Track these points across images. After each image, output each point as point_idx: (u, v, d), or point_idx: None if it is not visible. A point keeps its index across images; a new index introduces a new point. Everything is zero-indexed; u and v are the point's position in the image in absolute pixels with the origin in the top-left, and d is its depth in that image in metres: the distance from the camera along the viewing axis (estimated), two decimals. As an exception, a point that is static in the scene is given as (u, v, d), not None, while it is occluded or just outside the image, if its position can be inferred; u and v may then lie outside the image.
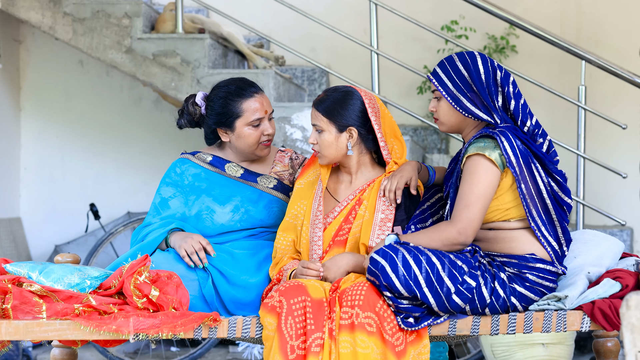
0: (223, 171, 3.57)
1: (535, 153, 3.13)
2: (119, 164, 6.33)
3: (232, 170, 3.57)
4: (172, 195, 3.55)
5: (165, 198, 3.55)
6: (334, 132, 3.31)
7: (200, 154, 3.61)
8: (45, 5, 5.32)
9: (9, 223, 6.12)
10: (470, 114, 3.16)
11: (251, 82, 3.55)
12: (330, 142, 3.32)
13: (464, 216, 3.07)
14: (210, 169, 3.57)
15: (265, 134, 3.51)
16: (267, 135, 3.52)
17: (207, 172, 3.56)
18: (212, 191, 3.53)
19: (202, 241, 3.36)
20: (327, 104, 3.32)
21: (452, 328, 3.10)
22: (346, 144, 3.32)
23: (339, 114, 3.30)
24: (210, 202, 3.52)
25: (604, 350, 3.41)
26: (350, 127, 3.31)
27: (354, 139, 3.32)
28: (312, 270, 3.19)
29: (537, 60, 6.19)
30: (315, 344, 2.99)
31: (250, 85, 3.54)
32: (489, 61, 3.19)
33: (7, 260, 3.28)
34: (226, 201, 3.52)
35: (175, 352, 5.44)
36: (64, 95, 6.36)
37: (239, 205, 3.51)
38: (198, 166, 3.58)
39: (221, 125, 3.52)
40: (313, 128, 3.35)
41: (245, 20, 5.75)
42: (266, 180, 3.57)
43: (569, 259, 3.29)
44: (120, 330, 2.99)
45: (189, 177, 3.56)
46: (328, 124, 3.31)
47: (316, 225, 3.32)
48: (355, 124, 3.31)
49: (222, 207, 3.51)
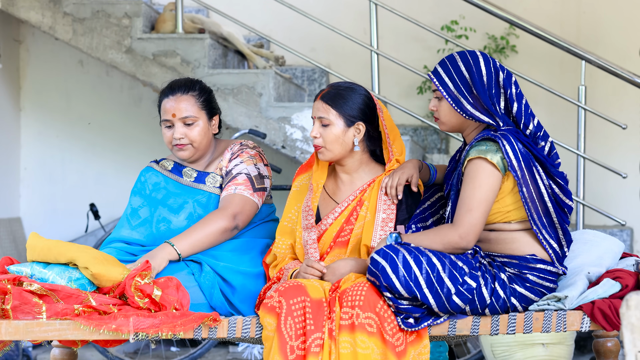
0: (180, 177, 3.54)
1: (536, 156, 3.13)
2: (119, 164, 6.33)
3: (187, 175, 3.54)
4: (141, 204, 3.54)
5: (135, 208, 3.53)
6: (342, 126, 3.27)
7: (165, 161, 3.60)
8: (45, 5, 5.32)
9: (9, 223, 6.12)
10: (470, 116, 3.15)
11: (185, 84, 3.49)
12: (336, 137, 3.27)
13: (466, 221, 3.06)
14: (170, 177, 3.55)
15: (175, 137, 3.45)
16: (176, 139, 3.46)
17: (167, 180, 3.55)
18: (167, 201, 3.50)
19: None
20: (336, 96, 3.27)
21: (452, 328, 3.10)
22: (353, 140, 3.29)
23: (348, 106, 3.26)
24: (166, 212, 3.49)
25: (604, 350, 3.40)
26: (358, 122, 3.28)
27: (361, 134, 3.29)
28: (314, 270, 3.18)
29: (537, 60, 6.19)
30: (315, 344, 2.99)
31: (180, 86, 3.48)
32: (492, 62, 3.17)
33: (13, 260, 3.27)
34: (179, 209, 3.49)
35: (175, 352, 5.44)
36: (64, 95, 6.36)
37: (192, 212, 3.48)
38: (159, 174, 3.56)
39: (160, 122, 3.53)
40: (317, 121, 3.28)
41: (245, 20, 5.75)
42: (212, 179, 3.52)
43: (569, 259, 3.29)
44: (120, 330, 2.99)
45: (149, 187, 3.55)
46: (337, 117, 3.26)
47: (309, 229, 3.31)
48: (363, 119, 3.28)
49: (176, 216, 3.48)
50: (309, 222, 3.31)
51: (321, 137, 3.27)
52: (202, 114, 3.48)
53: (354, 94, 3.28)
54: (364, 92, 3.31)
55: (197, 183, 3.52)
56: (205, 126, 3.49)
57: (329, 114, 3.26)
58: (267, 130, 5.15)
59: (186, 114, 3.45)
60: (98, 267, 3.12)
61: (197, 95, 3.49)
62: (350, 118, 3.26)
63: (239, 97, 5.18)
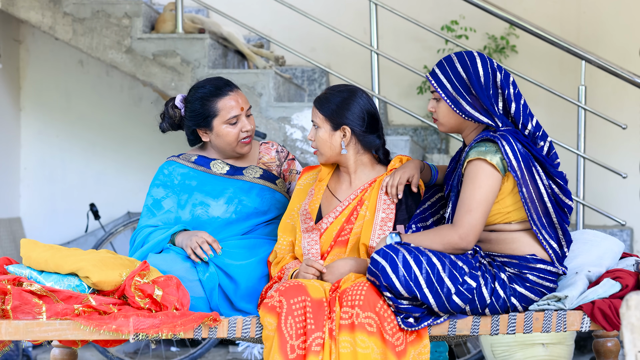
0: (209, 169, 3.58)
1: (535, 156, 3.13)
2: (119, 164, 6.33)
3: (217, 168, 3.57)
4: (165, 195, 3.55)
5: (158, 199, 3.55)
6: (328, 130, 3.32)
7: (184, 155, 3.63)
8: (45, 5, 5.32)
9: (9, 223, 6.12)
10: (469, 117, 3.15)
11: (226, 81, 3.56)
12: (324, 140, 3.33)
13: (466, 221, 3.06)
14: (197, 168, 3.58)
15: (244, 130, 3.52)
16: (245, 132, 3.52)
17: (195, 171, 3.58)
18: (203, 187, 3.54)
19: (207, 238, 3.37)
20: (325, 101, 3.33)
21: (452, 328, 3.10)
22: (340, 143, 3.33)
23: (335, 112, 3.30)
24: (203, 197, 3.52)
25: (604, 350, 3.40)
26: (344, 125, 3.31)
27: (347, 138, 3.32)
28: (314, 269, 3.19)
29: (537, 60, 6.19)
30: (316, 343, 2.99)
31: (226, 84, 3.55)
32: (489, 62, 3.17)
33: (11, 260, 3.27)
34: (219, 195, 3.53)
35: (175, 352, 5.44)
36: (64, 95, 6.36)
37: (232, 196, 3.52)
38: (184, 166, 3.59)
39: (200, 126, 3.53)
40: (312, 124, 3.37)
41: (245, 20, 5.75)
42: (252, 171, 3.58)
43: (569, 259, 3.29)
44: (120, 330, 2.99)
45: (177, 177, 3.57)
46: (323, 121, 3.32)
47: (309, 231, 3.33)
48: (350, 123, 3.30)
49: (216, 200, 3.52)
50: (308, 225, 3.32)
51: (315, 140, 3.36)
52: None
53: (344, 99, 3.31)
54: (358, 96, 3.33)
55: (232, 175, 3.55)
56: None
57: (318, 117, 3.34)
58: (267, 130, 5.16)
59: (248, 105, 3.55)
60: (99, 275, 3.11)
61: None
62: (335, 122, 3.31)
63: (239, 97, 5.18)
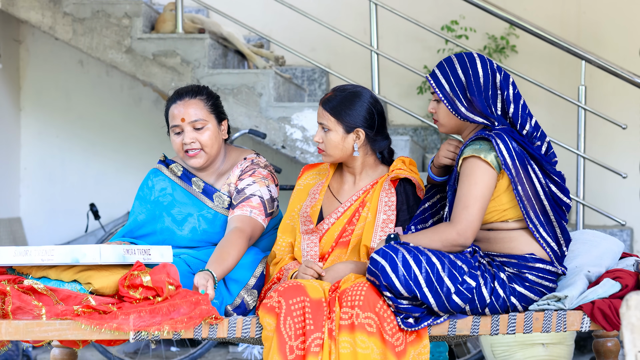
0: (190, 186, 3.50)
1: (531, 154, 3.13)
2: (119, 164, 6.33)
3: (196, 185, 3.49)
4: (140, 211, 3.51)
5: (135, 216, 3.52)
6: (341, 133, 3.30)
7: (174, 166, 3.55)
8: (45, 5, 5.32)
9: (9, 223, 6.12)
10: (465, 118, 3.16)
11: (189, 89, 3.45)
12: (336, 142, 3.30)
13: (463, 217, 3.07)
14: (178, 183, 3.51)
15: (184, 142, 3.40)
16: (187, 144, 3.41)
17: (174, 186, 3.51)
18: (171, 209, 3.48)
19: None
20: (335, 103, 3.30)
21: (452, 328, 3.10)
22: (352, 145, 3.31)
23: (347, 114, 3.28)
24: (169, 222, 3.47)
25: (604, 350, 3.41)
26: (357, 128, 3.30)
27: (361, 140, 3.31)
28: (313, 271, 3.19)
29: (537, 60, 6.19)
30: (315, 344, 2.99)
31: (188, 91, 3.44)
32: (489, 64, 3.18)
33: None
34: (184, 221, 3.46)
35: (175, 352, 5.44)
36: (64, 95, 6.36)
37: (196, 227, 3.45)
38: (167, 179, 3.52)
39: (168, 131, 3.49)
40: (319, 126, 3.33)
41: (245, 20, 5.75)
42: (220, 199, 3.46)
43: (569, 259, 3.29)
44: (121, 329, 2.98)
45: (155, 193, 3.51)
46: (336, 124, 3.30)
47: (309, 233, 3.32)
48: (362, 125, 3.30)
49: (180, 229, 3.46)
50: (308, 227, 3.32)
51: (323, 142, 3.32)
52: (211, 117, 3.43)
53: (354, 101, 3.30)
54: (367, 97, 3.32)
55: (204, 196, 3.47)
56: (215, 130, 3.44)
57: (329, 121, 3.30)
58: (267, 130, 5.16)
59: (195, 117, 3.40)
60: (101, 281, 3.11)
61: (205, 99, 3.44)
62: (349, 125, 3.29)
63: (239, 97, 5.18)
